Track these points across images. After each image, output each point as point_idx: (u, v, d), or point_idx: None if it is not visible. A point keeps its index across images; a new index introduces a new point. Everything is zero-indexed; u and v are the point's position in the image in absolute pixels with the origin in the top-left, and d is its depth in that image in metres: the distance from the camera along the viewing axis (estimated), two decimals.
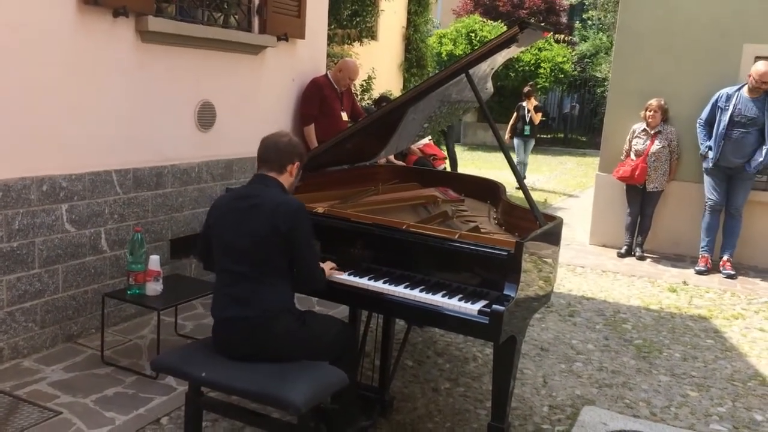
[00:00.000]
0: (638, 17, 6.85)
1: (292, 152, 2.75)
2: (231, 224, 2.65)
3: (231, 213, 2.67)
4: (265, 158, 2.76)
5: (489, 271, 2.67)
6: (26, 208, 3.53)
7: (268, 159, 2.75)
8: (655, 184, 6.57)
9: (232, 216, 2.66)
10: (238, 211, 2.65)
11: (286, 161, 2.74)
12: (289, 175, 2.76)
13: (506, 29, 2.94)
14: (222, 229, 2.69)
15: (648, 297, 5.63)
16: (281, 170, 2.74)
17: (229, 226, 2.66)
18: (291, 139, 2.80)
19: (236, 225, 2.63)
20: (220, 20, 4.77)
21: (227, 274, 2.66)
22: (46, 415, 3.04)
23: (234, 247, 2.63)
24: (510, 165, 3.07)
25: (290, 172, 2.76)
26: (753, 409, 3.72)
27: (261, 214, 2.58)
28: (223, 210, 2.72)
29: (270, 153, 2.75)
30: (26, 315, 3.62)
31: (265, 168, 2.74)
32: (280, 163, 2.73)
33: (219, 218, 2.72)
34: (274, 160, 2.74)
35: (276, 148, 2.74)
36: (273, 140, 2.77)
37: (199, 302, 4.56)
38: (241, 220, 2.62)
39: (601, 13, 18.68)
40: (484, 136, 18.84)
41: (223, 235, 2.68)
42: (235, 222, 2.64)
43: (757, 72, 5.97)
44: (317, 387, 2.45)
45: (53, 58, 3.58)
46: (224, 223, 2.68)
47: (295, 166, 2.78)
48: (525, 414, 3.48)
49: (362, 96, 10.13)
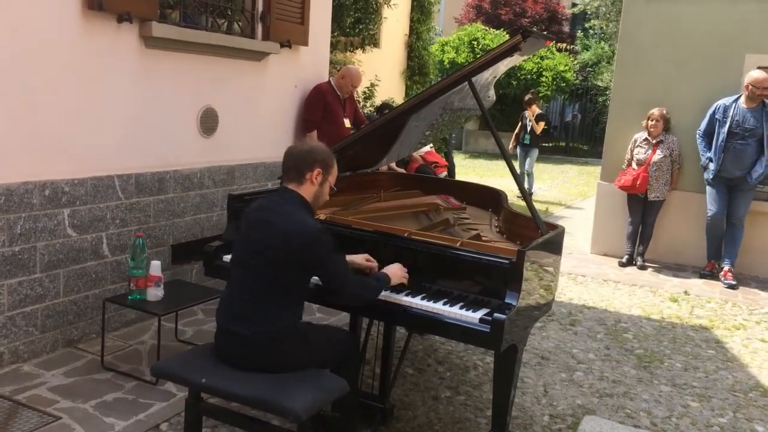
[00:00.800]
0: (640, 27, 6.87)
1: (308, 159, 2.64)
2: (246, 235, 2.63)
3: (249, 224, 2.64)
4: (284, 169, 2.68)
5: (490, 280, 2.67)
6: (28, 213, 3.54)
7: (286, 169, 2.68)
8: (657, 194, 6.57)
9: (249, 227, 2.63)
10: (255, 223, 2.61)
11: (304, 169, 2.63)
12: (311, 184, 2.65)
13: (509, 37, 2.94)
14: (239, 238, 2.67)
15: (649, 306, 5.62)
16: (300, 179, 2.64)
17: (244, 236, 2.64)
18: (311, 146, 2.71)
19: (251, 238, 2.60)
20: (224, 26, 4.79)
21: (238, 284, 2.62)
22: (45, 419, 3.03)
23: (247, 260, 2.60)
24: (512, 173, 3.07)
25: (311, 181, 2.64)
26: (754, 420, 3.70)
27: (275, 235, 2.52)
28: (245, 219, 2.68)
29: (288, 163, 2.67)
30: (27, 319, 3.62)
31: (285, 179, 2.68)
32: (298, 172, 2.64)
33: (243, 223, 2.68)
34: (291, 169, 2.66)
35: (292, 157, 2.67)
36: (291, 149, 2.71)
37: (199, 308, 4.56)
38: (256, 233, 2.58)
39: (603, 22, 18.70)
40: (486, 143, 18.85)
41: (238, 244, 2.67)
42: (250, 234, 2.61)
43: (755, 80, 5.98)
44: (318, 394, 2.45)
45: (57, 63, 3.59)
46: (242, 232, 2.66)
47: (316, 174, 2.64)
48: (525, 423, 3.47)
49: (365, 103, 10.15)
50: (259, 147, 5.17)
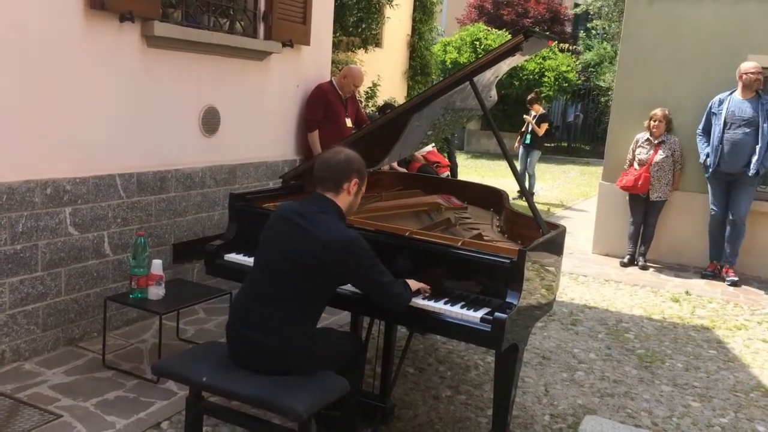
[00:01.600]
0: (643, 27, 6.87)
1: (347, 169, 2.60)
2: (276, 238, 2.56)
3: (280, 226, 2.58)
4: (319, 177, 2.62)
5: (491, 279, 2.67)
6: (30, 211, 3.54)
7: (322, 178, 2.61)
8: (659, 194, 6.57)
9: (280, 229, 2.57)
10: (287, 226, 2.55)
11: (342, 179, 2.59)
12: (347, 194, 2.62)
13: (511, 37, 2.94)
14: (267, 239, 2.60)
15: (650, 306, 5.62)
16: (337, 189, 2.60)
17: (273, 238, 2.57)
18: (347, 155, 2.63)
19: (281, 241, 2.54)
20: (226, 26, 4.79)
21: (258, 287, 2.56)
22: (46, 418, 3.04)
23: (273, 264, 2.54)
24: (513, 173, 3.07)
25: (348, 191, 2.61)
26: (755, 420, 3.70)
27: (309, 243, 2.47)
28: (275, 222, 2.62)
29: (324, 172, 2.61)
30: (28, 318, 3.62)
31: (321, 188, 2.62)
32: (336, 182, 2.59)
33: (268, 226, 2.63)
34: (328, 179, 2.60)
35: (329, 167, 2.61)
36: (326, 158, 2.64)
37: (201, 307, 4.56)
38: (287, 238, 2.52)
39: (605, 22, 18.68)
40: (487, 143, 18.85)
41: (266, 245, 2.60)
42: (280, 237, 2.55)
43: (748, 68, 6.05)
44: (318, 394, 2.45)
45: (59, 62, 3.59)
46: (271, 234, 2.60)
47: (353, 184, 2.62)
48: (526, 423, 3.47)
49: (366, 103, 10.16)
50: (261, 146, 5.18)
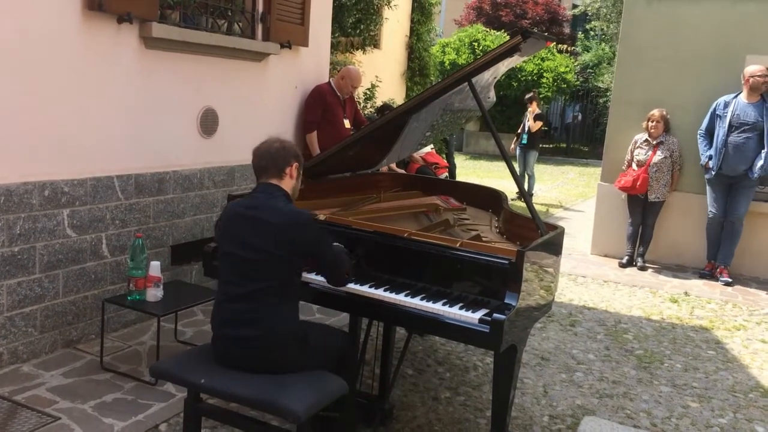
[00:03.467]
0: (641, 28, 6.87)
1: (286, 155, 2.70)
2: (235, 235, 2.61)
3: (235, 223, 2.64)
4: (261, 167, 2.71)
5: (490, 280, 2.67)
6: (28, 213, 3.54)
7: (265, 167, 2.70)
8: (657, 195, 6.57)
9: (237, 227, 2.62)
10: (242, 222, 2.61)
11: (283, 164, 2.69)
12: (290, 178, 2.72)
13: (509, 38, 2.94)
14: (226, 239, 2.66)
15: (649, 307, 5.62)
16: (280, 175, 2.69)
17: (232, 237, 2.62)
18: (283, 143, 2.75)
19: (240, 237, 2.59)
20: (224, 27, 4.79)
21: (230, 287, 2.61)
22: (44, 420, 3.03)
23: (237, 260, 2.59)
24: (512, 174, 3.06)
25: (290, 175, 2.72)
26: (754, 420, 3.70)
27: (267, 229, 2.53)
28: (229, 219, 2.68)
29: (265, 161, 2.70)
30: (26, 320, 3.61)
31: (265, 176, 2.71)
32: (278, 168, 2.69)
33: (225, 227, 2.68)
34: (270, 166, 2.69)
35: (270, 155, 2.70)
36: (264, 148, 2.73)
37: (199, 309, 4.56)
38: (245, 232, 2.58)
39: (603, 23, 18.71)
40: (486, 145, 18.86)
41: (227, 245, 2.65)
42: (239, 233, 2.60)
43: (754, 71, 6.05)
44: (317, 395, 2.44)
45: (57, 64, 3.59)
46: (228, 233, 2.65)
47: (294, 168, 2.72)
48: (525, 424, 3.47)
49: (365, 104, 10.15)
50: None
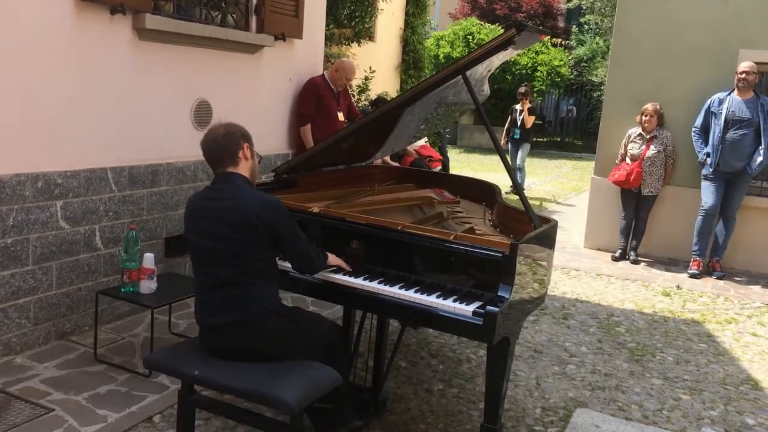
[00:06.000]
0: (635, 22, 6.88)
1: (234, 139, 2.67)
2: (201, 227, 2.61)
3: (200, 216, 2.63)
4: (214, 158, 2.68)
5: (484, 273, 2.67)
6: (21, 205, 3.52)
7: (217, 157, 2.68)
8: (650, 189, 6.59)
9: (202, 219, 2.62)
10: (206, 213, 2.61)
11: (234, 149, 2.66)
12: (245, 160, 2.69)
13: (503, 32, 2.94)
14: (193, 232, 2.65)
15: (642, 301, 5.65)
16: (235, 160, 2.66)
17: (199, 229, 2.62)
18: (227, 127, 2.70)
19: (207, 228, 2.59)
20: (218, 19, 4.76)
21: (206, 278, 2.63)
22: (38, 411, 3.03)
23: (208, 251, 2.60)
24: (506, 167, 3.07)
25: (245, 157, 2.69)
26: (745, 413, 3.73)
27: (233, 215, 2.53)
28: (192, 213, 2.67)
29: (216, 152, 2.67)
30: (19, 311, 3.61)
31: (221, 166, 2.68)
32: (231, 154, 2.66)
33: (189, 222, 2.68)
34: (222, 155, 2.66)
35: (218, 145, 2.66)
36: (211, 137, 2.69)
37: (193, 301, 4.54)
38: (211, 222, 2.58)
39: (598, 17, 18.72)
40: (480, 138, 18.86)
41: (195, 238, 2.64)
42: (205, 225, 2.60)
43: (744, 67, 6.08)
44: (310, 386, 2.45)
45: (50, 55, 3.57)
46: (195, 226, 2.65)
47: (246, 149, 2.69)
48: (518, 416, 3.49)
49: (359, 97, 10.13)
50: (253, 140, 5.14)
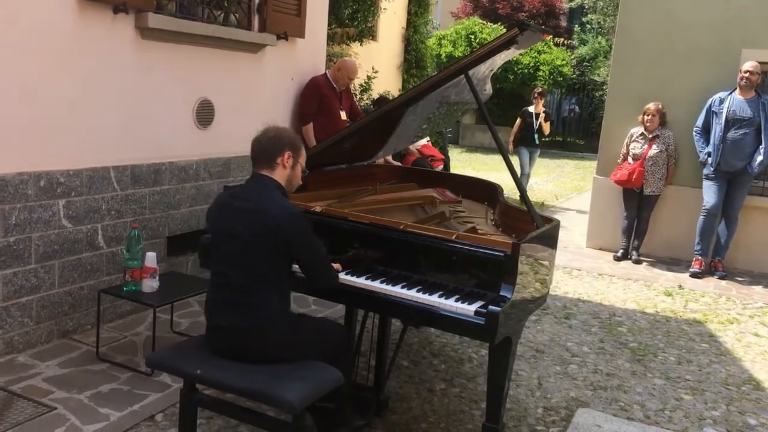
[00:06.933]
0: (637, 21, 6.87)
1: (277, 144, 2.67)
2: (224, 225, 2.63)
3: (225, 214, 2.64)
4: (253, 156, 2.70)
5: (486, 272, 2.67)
6: (23, 203, 3.53)
7: (256, 156, 2.69)
8: (653, 188, 6.59)
9: (225, 217, 2.63)
10: (228, 210, 2.62)
11: (275, 154, 2.66)
12: (283, 168, 2.68)
13: (506, 31, 2.94)
14: (215, 229, 2.67)
15: (643, 300, 5.64)
16: (272, 165, 2.67)
17: (221, 227, 2.64)
18: (278, 131, 2.71)
19: (229, 227, 2.60)
20: (220, 18, 4.77)
21: (215, 276, 2.64)
22: (40, 410, 3.03)
23: (223, 249, 2.61)
24: (508, 167, 3.06)
25: (283, 165, 2.68)
26: (747, 413, 3.73)
27: (255, 220, 2.54)
28: (218, 210, 2.69)
29: (257, 151, 2.69)
30: (21, 310, 3.61)
31: (257, 167, 2.70)
32: (269, 158, 2.67)
33: (214, 218, 2.69)
34: (261, 157, 2.68)
35: (260, 145, 2.68)
36: (258, 138, 2.71)
37: (195, 300, 4.55)
38: (234, 222, 2.59)
39: (600, 17, 18.69)
40: (482, 138, 18.83)
41: (215, 235, 2.66)
42: (227, 224, 2.61)
43: (748, 66, 6.07)
44: (312, 386, 2.46)
45: (52, 54, 3.57)
46: (217, 223, 2.66)
47: (287, 157, 2.68)
48: (519, 415, 3.49)
49: (361, 96, 10.13)
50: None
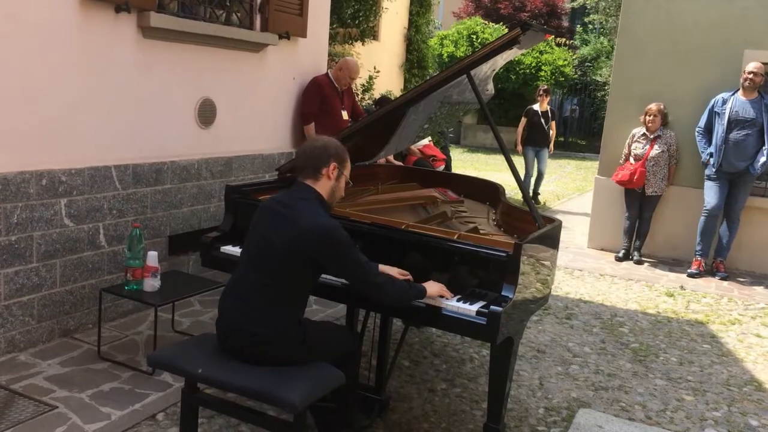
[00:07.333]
0: (639, 22, 6.86)
1: (323, 154, 2.64)
2: (260, 228, 2.62)
3: (264, 215, 2.64)
4: (299, 166, 2.69)
5: (487, 272, 2.67)
6: (25, 202, 3.53)
7: (301, 165, 2.68)
8: (654, 189, 6.58)
9: (264, 220, 2.62)
10: (269, 216, 2.61)
11: (320, 165, 2.64)
12: (327, 179, 2.65)
13: (508, 31, 2.94)
14: (252, 228, 2.66)
15: (645, 301, 5.64)
16: (316, 175, 2.64)
17: (257, 228, 2.63)
18: (325, 142, 2.69)
19: (264, 231, 2.59)
20: (222, 17, 4.77)
21: (243, 279, 2.61)
22: (41, 409, 3.03)
23: (255, 255, 2.60)
24: (510, 167, 3.06)
25: (327, 176, 2.65)
26: (748, 414, 3.72)
27: (287, 229, 2.52)
28: (261, 210, 2.68)
29: (302, 160, 2.68)
30: (23, 309, 3.61)
31: (302, 176, 2.68)
32: (313, 168, 2.64)
33: (255, 217, 2.68)
34: (307, 166, 2.66)
35: (306, 154, 2.67)
36: (305, 146, 2.71)
37: (196, 299, 4.56)
38: (269, 229, 2.57)
39: (602, 17, 18.67)
40: (484, 138, 18.83)
41: (251, 235, 2.66)
42: (262, 229, 2.60)
43: (752, 67, 6.05)
44: (314, 385, 2.45)
45: (54, 53, 3.57)
46: (256, 224, 2.65)
47: (332, 169, 2.65)
48: (521, 416, 3.49)
49: (363, 96, 10.13)
50: (257, 139, 5.17)
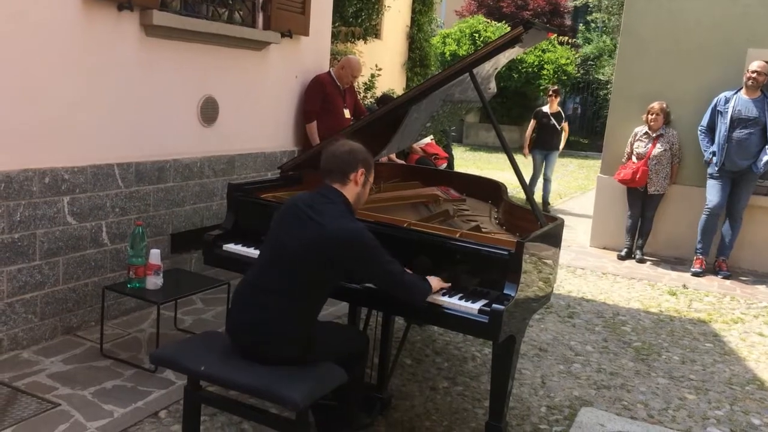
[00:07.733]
0: (642, 20, 6.85)
1: (352, 160, 2.64)
2: (281, 230, 2.60)
3: (288, 216, 2.62)
4: (326, 169, 2.67)
5: (489, 271, 2.67)
6: (28, 200, 3.54)
7: (329, 168, 2.66)
8: (657, 187, 6.57)
9: (288, 219, 2.60)
10: (293, 216, 2.59)
11: (348, 170, 2.63)
12: (354, 185, 2.66)
13: (510, 30, 2.94)
14: (275, 226, 2.64)
15: (647, 300, 5.63)
16: (344, 180, 2.64)
17: (279, 231, 2.61)
18: (352, 147, 2.68)
19: (285, 233, 2.57)
20: (225, 16, 4.77)
21: (261, 277, 2.59)
22: (44, 406, 3.04)
23: (276, 255, 2.58)
24: (513, 166, 3.06)
25: (355, 181, 2.65)
26: (750, 412, 3.72)
27: (309, 231, 2.51)
28: (284, 210, 2.66)
29: (330, 163, 2.66)
30: (26, 306, 3.62)
31: (329, 179, 2.67)
32: (342, 173, 2.64)
33: (278, 216, 2.67)
34: (334, 170, 2.65)
35: (334, 158, 2.66)
36: (332, 150, 2.69)
37: (199, 297, 4.57)
38: (292, 229, 2.56)
39: (605, 15, 18.66)
40: (486, 136, 18.81)
41: (272, 232, 2.64)
42: (285, 229, 2.58)
43: (755, 66, 6.03)
44: (316, 384, 2.46)
45: (57, 51, 3.58)
46: (279, 222, 2.64)
47: (359, 174, 2.66)
48: (523, 414, 3.49)
49: (365, 94, 10.13)
50: (259, 137, 5.17)
